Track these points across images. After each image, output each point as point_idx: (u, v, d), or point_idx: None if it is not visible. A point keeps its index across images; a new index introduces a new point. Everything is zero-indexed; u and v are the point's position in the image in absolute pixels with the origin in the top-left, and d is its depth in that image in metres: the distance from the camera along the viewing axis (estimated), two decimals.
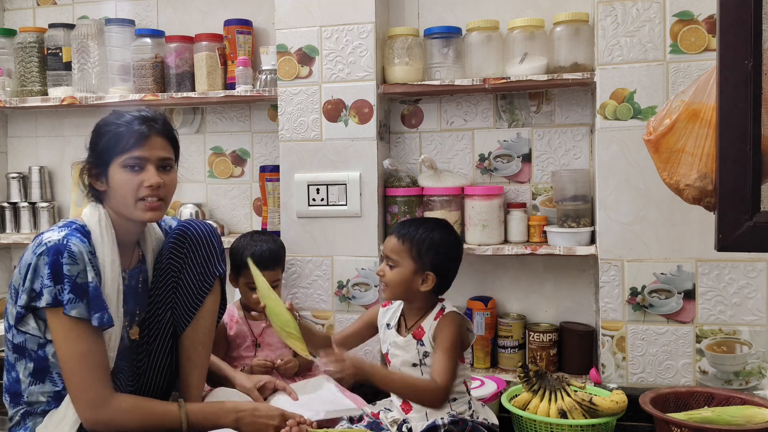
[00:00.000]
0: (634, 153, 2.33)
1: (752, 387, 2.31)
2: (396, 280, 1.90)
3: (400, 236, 1.91)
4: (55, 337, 1.75)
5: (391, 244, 1.92)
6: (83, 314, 1.71)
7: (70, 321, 1.71)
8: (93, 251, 1.77)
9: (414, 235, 1.90)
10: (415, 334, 1.91)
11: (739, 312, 2.31)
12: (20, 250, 3.25)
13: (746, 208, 1.09)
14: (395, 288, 1.91)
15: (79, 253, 1.72)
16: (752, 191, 1.09)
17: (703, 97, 1.60)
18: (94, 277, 1.74)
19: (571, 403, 2.09)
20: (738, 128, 1.08)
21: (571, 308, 2.66)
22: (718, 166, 1.12)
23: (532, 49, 2.50)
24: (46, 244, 1.72)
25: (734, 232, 1.10)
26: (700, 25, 2.29)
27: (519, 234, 2.59)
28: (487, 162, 2.70)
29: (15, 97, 3.03)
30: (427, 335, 1.89)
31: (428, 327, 1.89)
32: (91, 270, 1.74)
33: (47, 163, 3.22)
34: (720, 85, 1.10)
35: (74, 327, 1.72)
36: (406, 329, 1.95)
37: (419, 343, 1.90)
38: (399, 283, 1.90)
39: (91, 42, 2.90)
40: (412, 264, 1.88)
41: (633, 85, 2.34)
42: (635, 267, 2.36)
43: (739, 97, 1.08)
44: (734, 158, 1.09)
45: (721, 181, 1.11)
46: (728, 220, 1.10)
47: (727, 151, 1.10)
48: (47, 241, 1.72)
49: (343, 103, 2.60)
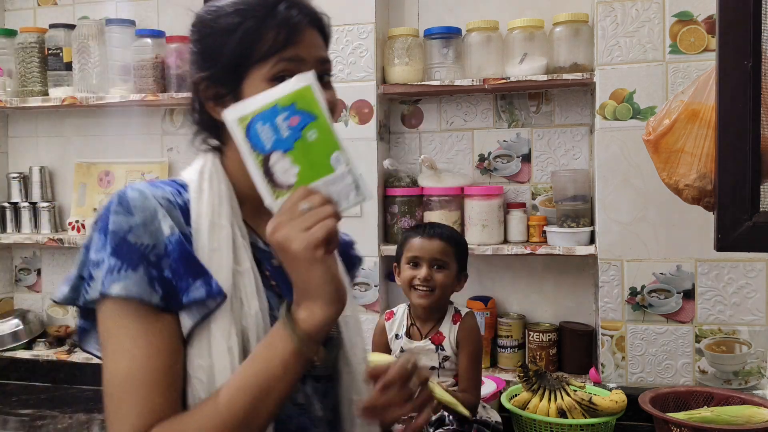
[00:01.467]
0: (634, 153, 2.33)
1: (751, 387, 2.32)
2: (447, 282, 1.90)
3: (444, 238, 1.92)
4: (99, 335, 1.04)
5: (438, 246, 1.91)
6: (135, 290, 0.97)
7: (109, 308, 0.99)
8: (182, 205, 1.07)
9: (453, 237, 1.93)
10: (433, 339, 1.92)
11: (739, 312, 2.31)
12: (21, 250, 3.25)
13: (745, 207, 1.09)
14: (443, 291, 1.91)
15: (138, 199, 1.01)
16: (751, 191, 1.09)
17: (703, 98, 1.61)
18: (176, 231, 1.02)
19: (570, 403, 2.09)
20: (737, 128, 1.09)
21: (570, 308, 2.67)
22: (718, 166, 1.13)
23: (532, 50, 2.51)
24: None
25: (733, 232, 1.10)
26: (700, 25, 2.30)
27: (519, 234, 2.59)
28: (487, 162, 2.70)
29: (16, 97, 3.03)
30: (448, 339, 1.89)
31: (448, 331, 1.90)
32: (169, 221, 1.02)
33: (48, 163, 3.22)
34: (719, 86, 1.10)
35: (115, 317, 0.99)
36: (422, 335, 1.95)
37: (439, 347, 1.91)
38: (447, 286, 1.91)
39: (91, 42, 2.90)
40: (456, 266, 1.91)
41: (632, 86, 2.35)
42: (635, 267, 2.37)
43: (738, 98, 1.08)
44: (733, 158, 1.09)
45: (720, 181, 1.12)
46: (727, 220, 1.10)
47: (726, 151, 1.10)
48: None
49: (343, 103, 2.60)
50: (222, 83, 1.09)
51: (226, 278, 1.02)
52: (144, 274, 0.98)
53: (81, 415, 2.61)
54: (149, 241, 1.00)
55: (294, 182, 0.92)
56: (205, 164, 1.13)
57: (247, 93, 1.06)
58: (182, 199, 1.07)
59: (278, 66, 1.06)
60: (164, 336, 0.99)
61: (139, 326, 0.98)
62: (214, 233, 1.05)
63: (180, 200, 1.06)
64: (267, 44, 1.06)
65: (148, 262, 0.99)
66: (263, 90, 0.99)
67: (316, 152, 0.93)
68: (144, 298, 0.97)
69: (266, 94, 0.94)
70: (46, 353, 3.01)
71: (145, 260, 0.99)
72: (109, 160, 3.13)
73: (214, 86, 1.10)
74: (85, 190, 3.13)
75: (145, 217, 1.00)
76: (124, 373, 0.98)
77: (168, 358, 0.99)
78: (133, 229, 0.99)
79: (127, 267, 0.97)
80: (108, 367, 1.00)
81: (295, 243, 0.92)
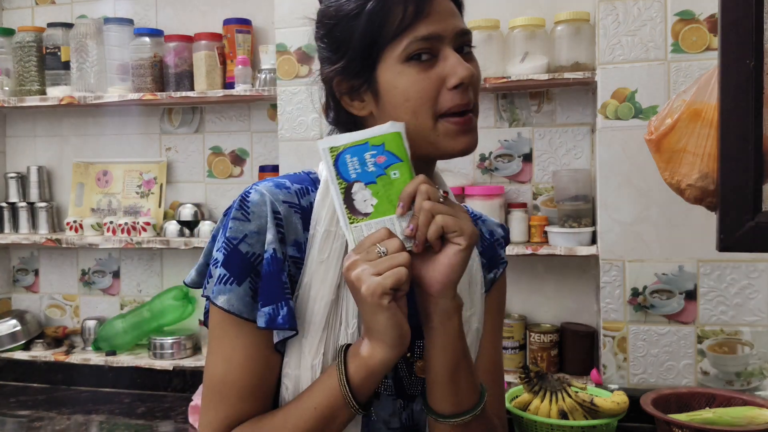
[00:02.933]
0: (636, 153, 2.32)
1: (754, 388, 2.30)
2: None
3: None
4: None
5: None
6: (236, 305, 1.00)
7: (216, 313, 1.03)
8: (305, 207, 1.04)
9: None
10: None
11: (741, 312, 2.29)
12: (19, 250, 3.24)
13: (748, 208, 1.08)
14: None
15: (257, 204, 1.00)
16: (754, 191, 1.08)
17: (705, 97, 1.59)
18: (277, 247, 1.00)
19: (572, 404, 2.08)
20: (739, 128, 1.07)
21: (572, 309, 2.65)
22: (720, 166, 1.11)
23: (533, 49, 2.49)
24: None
25: (736, 232, 1.09)
26: (702, 24, 2.28)
27: (520, 234, 2.58)
28: (488, 162, 2.69)
29: (13, 96, 3.02)
30: None
31: None
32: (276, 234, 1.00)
33: (46, 162, 3.21)
34: (721, 85, 1.09)
35: (220, 322, 1.03)
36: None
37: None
38: None
39: (89, 41, 2.89)
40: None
41: (634, 85, 2.33)
42: (636, 267, 2.35)
43: (740, 97, 1.07)
44: (736, 158, 1.08)
45: (722, 181, 1.10)
46: (730, 220, 1.09)
47: (728, 151, 1.09)
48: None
49: None
50: (356, 74, 1.04)
51: (328, 292, 1.02)
52: (249, 288, 1.01)
53: (79, 416, 2.60)
54: (260, 250, 1.01)
55: (370, 212, 0.98)
56: None
57: (382, 80, 1.02)
58: (308, 199, 1.06)
59: (412, 46, 0.99)
60: (260, 347, 1.02)
61: (239, 335, 1.02)
62: (327, 242, 1.03)
63: (305, 201, 1.05)
64: (396, 21, 0.99)
65: (256, 273, 1.01)
66: (400, 74, 1.00)
67: (395, 190, 0.98)
68: (244, 315, 1.01)
69: (360, 132, 0.98)
70: (44, 354, 3.00)
71: (252, 272, 1.01)
72: (107, 160, 3.13)
73: (347, 79, 1.05)
74: (83, 189, 3.12)
75: (260, 225, 1.01)
76: (220, 377, 1.03)
77: (261, 368, 1.03)
78: (247, 237, 1.01)
79: (233, 280, 1.00)
80: (209, 366, 1.06)
81: (365, 286, 0.93)
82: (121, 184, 3.09)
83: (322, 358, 1.02)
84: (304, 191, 1.06)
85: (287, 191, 1.04)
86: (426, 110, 1.00)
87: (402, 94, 1.00)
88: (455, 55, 1.01)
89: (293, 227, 1.03)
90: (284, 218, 1.01)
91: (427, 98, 1.00)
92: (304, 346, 1.02)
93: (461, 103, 1.01)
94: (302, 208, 1.04)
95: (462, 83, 1.00)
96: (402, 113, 1.01)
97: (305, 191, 1.06)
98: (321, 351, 1.02)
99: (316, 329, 1.02)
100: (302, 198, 1.05)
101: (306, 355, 1.02)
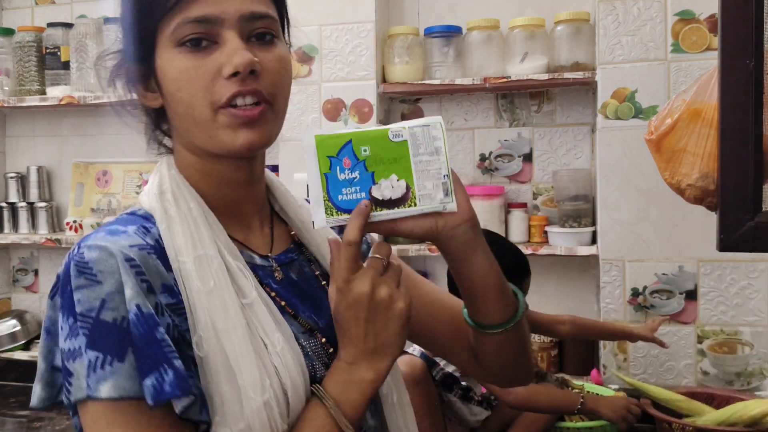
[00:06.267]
0: (636, 153, 2.32)
1: (754, 388, 2.30)
2: None
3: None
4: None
5: None
6: (128, 387, 0.77)
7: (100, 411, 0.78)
8: (155, 246, 0.85)
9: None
10: None
11: (741, 312, 2.29)
12: (18, 250, 3.24)
13: (748, 208, 1.08)
14: None
15: (101, 260, 0.80)
16: (754, 191, 1.08)
17: (705, 97, 1.59)
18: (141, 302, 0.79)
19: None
20: (739, 128, 1.07)
21: (572, 308, 2.64)
22: (719, 166, 1.11)
23: (533, 49, 2.49)
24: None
25: (736, 232, 1.09)
26: (702, 24, 2.28)
27: (520, 234, 2.57)
28: (488, 162, 2.69)
29: (13, 96, 3.02)
30: None
31: None
32: (138, 286, 0.79)
33: (45, 162, 3.21)
34: (721, 85, 1.09)
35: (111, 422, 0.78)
36: None
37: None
38: None
39: (89, 41, 2.89)
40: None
41: (634, 85, 2.33)
42: (636, 267, 2.35)
43: (740, 97, 1.07)
44: (736, 158, 1.08)
45: (722, 181, 1.10)
46: (730, 220, 1.09)
47: (728, 151, 1.09)
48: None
49: (342, 102, 2.59)
50: (138, 59, 0.90)
51: (238, 319, 0.83)
52: (134, 360, 0.77)
53: None
54: (125, 312, 0.79)
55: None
56: (162, 178, 0.92)
57: (158, 66, 0.89)
58: (152, 237, 0.86)
59: (183, 29, 0.85)
60: (168, 427, 0.79)
61: (141, 424, 0.78)
62: (203, 269, 0.84)
63: (150, 239, 0.85)
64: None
65: (131, 341, 0.78)
66: (170, 60, 0.87)
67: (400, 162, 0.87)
68: (141, 395, 0.77)
69: (348, 129, 0.88)
70: None
71: (129, 341, 0.78)
72: (106, 160, 3.12)
73: (133, 66, 0.92)
74: (82, 189, 3.12)
75: (116, 282, 0.79)
76: None
77: None
78: (106, 302, 0.78)
79: (112, 359, 0.77)
80: None
81: (401, 301, 0.85)
82: (120, 184, 3.09)
83: (272, 392, 0.81)
84: (143, 230, 0.86)
85: (126, 235, 0.83)
86: (200, 101, 0.86)
87: (173, 83, 0.87)
88: (236, 41, 0.86)
89: (155, 271, 0.82)
90: (142, 264, 0.81)
91: (199, 88, 0.86)
92: (245, 387, 0.80)
93: (239, 90, 0.85)
94: (153, 247, 0.84)
95: (238, 72, 0.84)
96: (177, 104, 0.88)
97: (144, 230, 0.86)
98: (267, 384, 0.81)
99: (250, 362, 0.81)
100: (146, 237, 0.85)
101: (251, 397, 0.80)
